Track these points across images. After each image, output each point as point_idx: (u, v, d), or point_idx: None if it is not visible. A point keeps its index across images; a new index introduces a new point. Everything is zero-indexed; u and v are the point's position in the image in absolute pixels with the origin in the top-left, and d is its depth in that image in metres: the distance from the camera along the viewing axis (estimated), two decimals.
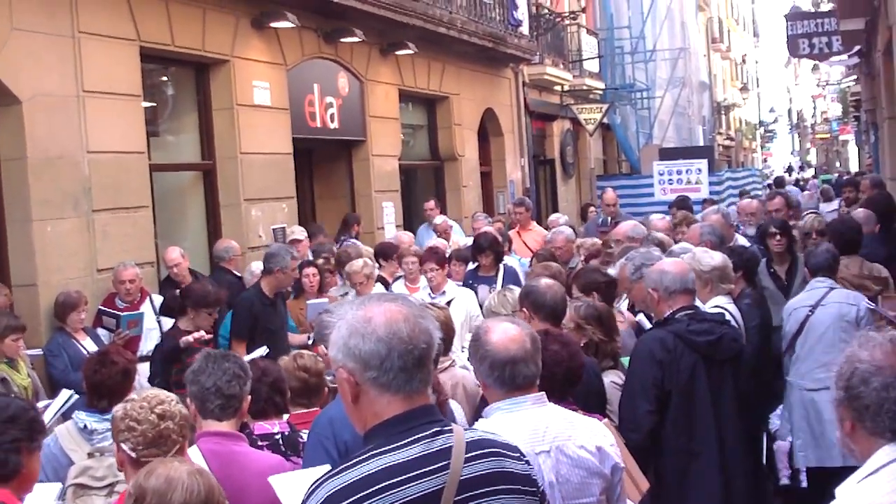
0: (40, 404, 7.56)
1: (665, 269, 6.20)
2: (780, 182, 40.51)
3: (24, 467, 4.05)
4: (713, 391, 5.89)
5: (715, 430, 5.86)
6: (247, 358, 7.36)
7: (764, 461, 8.43)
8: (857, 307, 8.09)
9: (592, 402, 5.34)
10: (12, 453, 4.01)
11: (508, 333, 4.03)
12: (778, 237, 10.04)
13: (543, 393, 4.08)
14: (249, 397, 5.02)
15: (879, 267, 9.37)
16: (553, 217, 16.38)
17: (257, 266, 10.59)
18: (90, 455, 5.30)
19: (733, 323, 6.78)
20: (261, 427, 5.38)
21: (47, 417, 7.10)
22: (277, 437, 5.38)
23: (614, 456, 4.04)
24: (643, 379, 5.79)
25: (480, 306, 9.13)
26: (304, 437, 5.36)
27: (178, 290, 9.83)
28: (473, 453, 2.89)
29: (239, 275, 11.49)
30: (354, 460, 2.81)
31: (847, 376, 2.94)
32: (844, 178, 22.72)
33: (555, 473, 3.88)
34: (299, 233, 12.88)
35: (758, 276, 9.42)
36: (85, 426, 5.71)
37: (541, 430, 3.93)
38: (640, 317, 7.31)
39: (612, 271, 8.01)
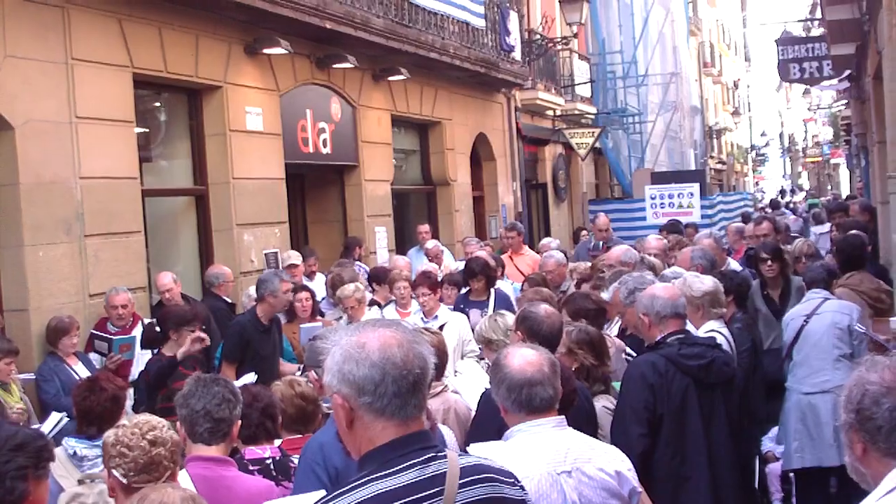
0: (33, 427, 7.56)
1: (656, 293, 6.21)
2: (775, 205, 40.53)
3: (30, 495, 4.04)
4: (705, 415, 5.89)
5: (706, 453, 5.85)
6: (237, 384, 7.38)
7: (756, 484, 8.50)
8: (850, 316, 8.50)
9: (584, 427, 5.34)
10: (19, 481, 4.01)
11: (526, 357, 4.17)
12: (769, 263, 10.09)
13: (563, 417, 4.13)
14: (239, 422, 5.01)
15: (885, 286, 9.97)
16: (545, 241, 16.41)
17: (253, 290, 10.59)
18: (80, 482, 5.28)
19: (725, 347, 6.80)
20: (251, 452, 5.37)
21: None
22: (268, 461, 5.36)
23: (632, 480, 4.09)
24: (635, 403, 5.79)
25: (473, 330, 9.13)
26: (295, 461, 5.37)
27: (154, 320, 9.77)
28: (467, 479, 2.89)
29: (230, 301, 11.49)
30: (348, 486, 2.81)
31: (857, 399, 2.95)
32: (834, 202, 22.80)
33: (577, 494, 3.92)
34: (295, 257, 12.89)
35: (750, 300, 9.59)
36: (74, 452, 5.70)
37: (562, 451, 4.01)
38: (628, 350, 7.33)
39: (605, 295, 8.01)
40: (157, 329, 9.23)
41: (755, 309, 10.05)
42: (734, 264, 11.31)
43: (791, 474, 8.80)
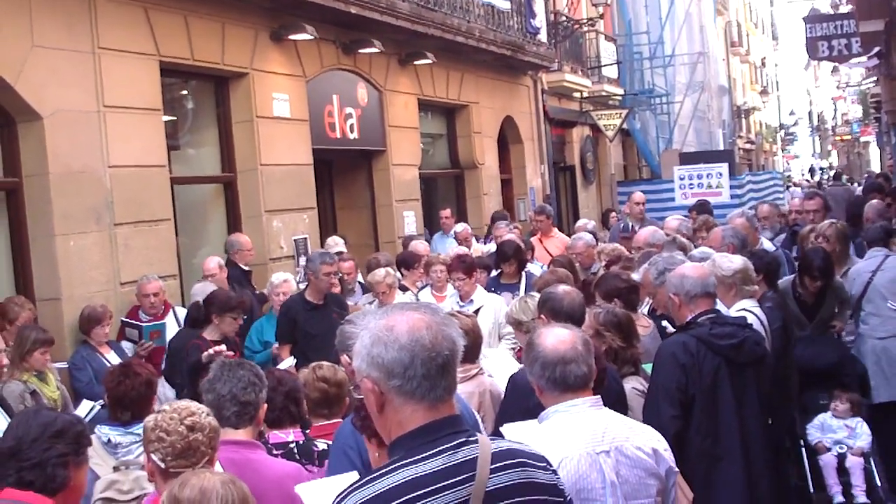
0: None
1: (686, 273, 6.18)
2: (837, 176, 39.88)
3: (71, 480, 4.09)
4: (737, 395, 5.85)
5: (739, 433, 5.82)
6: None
7: (808, 476, 8.70)
8: None
9: (614, 408, 5.32)
10: (60, 467, 4.05)
11: (559, 336, 4.17)
12: (817, 283, 9.25)
13: (599, 397, 4.13)
14: (266, 405, 5.03)
15: None
16: (580, 223, 16.38)
17: (277, 278, 10.73)
18: (115, 469, 5.32)
19: (757, 326, 6.76)
20: (275, 436, 5.40)
21: None
22: (292, 445, 5.38)
23: (668, 459, 4.08)
24: (667, 384, 5.77)
25: None
26: (319, 446, 5.39)
27: (200, 301, 9.87)
28: (499, 464, 2.87)
29: (246, 269, 11.60)
30: (379, 472, 2.80)
31: None
32: (869, 182, 22.52)
33: (615, 473, 3.92)
34: (341, 244, 12.95)
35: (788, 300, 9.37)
36: (109, 440, 5.72)
37: (600, 431, 4.00)
38: (665, 322, 7.29)
39: (635, 276, 7.99)
40: (204, 308, 9.32)
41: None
42: (767, 244, 11.12)
43: (849, 464, 8.82)
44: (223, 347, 8.56)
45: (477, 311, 8.97)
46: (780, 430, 7.33)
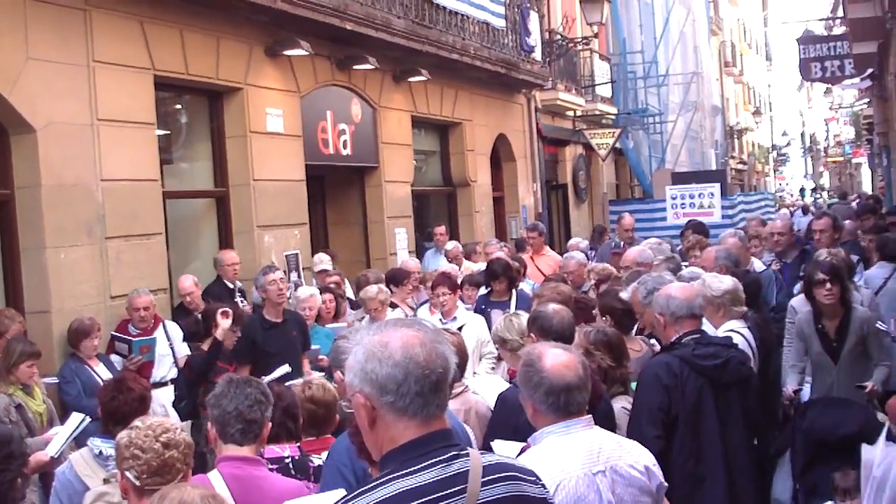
0: (52, 430, 7.61)
1: (672, 294, 6.20)
2: (843, 196, 39.78)
3: None
4: (721, 415, 5.87)
5: (722, 454, 5.83)
6: (269, 378, 7.45)
7: None
8: None
9: (602, 426, 5.33)
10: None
11: (561, 359, 4.14)
12: (828, 286, 8.22)
13: (591, 416, 4.13)
14: (270, 423, 5.01)
15: None
16: (573, 241, 16.41)
17: (303, 292, 10.87)
18: (106, 481, 5.30)
19: (743, 346, 6.77)
20: (271, 451, 5.38)
21: (58, 443, 7.14)
22: (287, 461, 5.38)
23: (658, 475, 4.09)
24: (650, 404, 5.78)
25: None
26: (314, 461, 5.39)
27: (198, 314, 9.90)
28: (490, 477, 2.88)
29: (230, 286, 11.61)
30: (371, 485, 2.81)
31: None
32: (862, 204, 22.55)
33: (611, 492, 3.92)
34: (326, 262, 12.92)
35: (800, 330, 8.47)
36: (100, 452, 5.71)
37: (595, 451, 4.02)
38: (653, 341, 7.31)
39: (623, 295, 8.00)
40: (203, 322, 9.38)
41: (805, 349, 8.50)
42: (758, 264, 11.13)
43: None
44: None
45: (460, 329, 8.97)
46: (765, 450, 7.25)
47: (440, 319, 10.08)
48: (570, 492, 3.85)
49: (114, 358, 9.71)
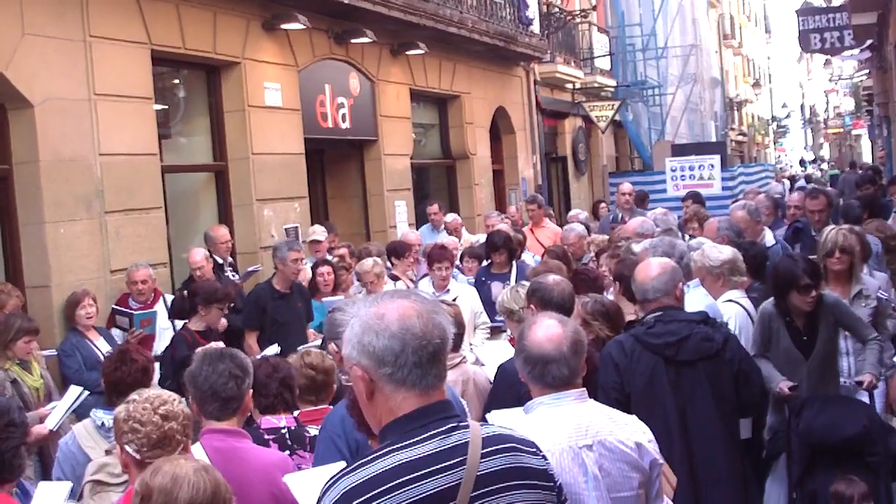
0: (50, 405, 7.64)
1: (635, 277, 6.06)
2: (852, 165, 39.44)
3: None
4: (683, 393, 5.67)
5: (681, 433, 5.62)
6: (260, 355, 7.47)
7: None
8: None
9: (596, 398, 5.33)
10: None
11: (548, 332, 4.06)
12: (812, 293, 7.07)
13: (584, 389, 4.09)
14: (251, 392, 4.95)
15: None
16: (573, 213, 16.38)
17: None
18: (108, 452, 5.31)
19: (742, 317, 6.75)
20: (267, 421, 5.40)
21: (56, 416, 7.17)
22: (284, 431, 5.39)
23: (653, 452, 4.04)
24: (605, 384, 5.63)
25: (495, 302, 9.14)
26: (310, 431, 5.41)
27: (185, 291, 9.92)
28: (489, 449, 2.88)
29: (219, 260, 11.52)
30: (370, 457, 2.81)
31: None
32: (862, 175, 22.44)
33: (598, 467, 3.89)
34: (319, 233, 12.90)
35: (766, 325, 7.27)
36: (102, 423, 5.72)
37: (583, 425, 3.95)
38: None
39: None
40: (189, 299, 9.40)
41: (768, 341, 7.29)
42: (769, 236, 10.81)
43: None
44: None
45: (454, 301, 8.99)
46: (757, 437, 6.69)
47: (433, 292, 10.09)
48: (554, 464, 3.79)
49: (114, 332, 9.72)
